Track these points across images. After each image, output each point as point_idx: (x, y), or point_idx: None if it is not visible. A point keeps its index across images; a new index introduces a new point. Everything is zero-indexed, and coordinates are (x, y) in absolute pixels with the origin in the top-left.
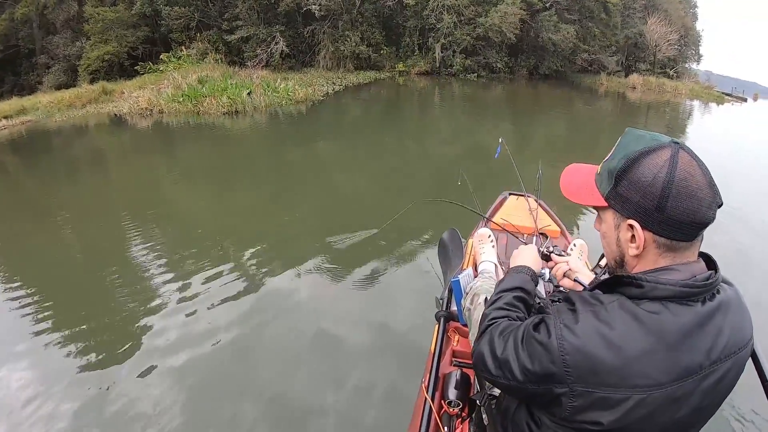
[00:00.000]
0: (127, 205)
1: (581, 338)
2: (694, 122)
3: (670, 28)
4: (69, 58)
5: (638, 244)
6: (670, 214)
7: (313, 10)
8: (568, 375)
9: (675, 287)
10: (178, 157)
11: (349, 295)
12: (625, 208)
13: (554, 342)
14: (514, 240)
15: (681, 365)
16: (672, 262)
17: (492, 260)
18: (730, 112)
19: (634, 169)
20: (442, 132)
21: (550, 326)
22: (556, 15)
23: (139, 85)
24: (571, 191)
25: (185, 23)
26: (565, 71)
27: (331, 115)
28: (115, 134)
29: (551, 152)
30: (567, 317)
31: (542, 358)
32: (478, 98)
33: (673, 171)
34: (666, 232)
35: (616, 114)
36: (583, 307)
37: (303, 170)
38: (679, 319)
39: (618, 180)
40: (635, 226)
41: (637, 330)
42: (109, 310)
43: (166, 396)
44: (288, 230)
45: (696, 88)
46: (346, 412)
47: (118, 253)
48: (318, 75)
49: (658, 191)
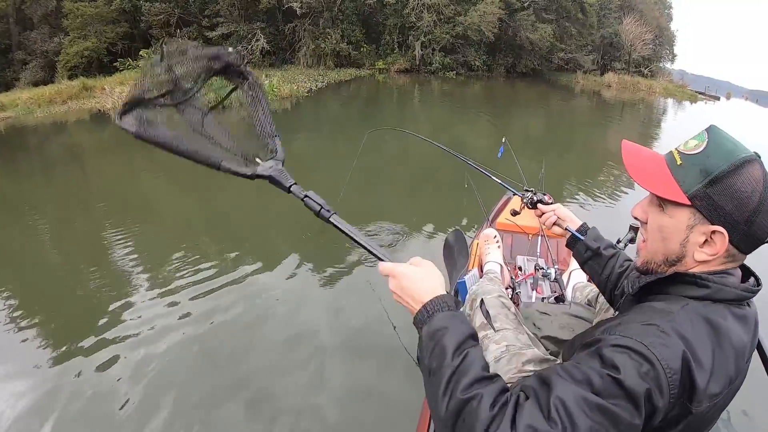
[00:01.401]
0: (108, 201)
1: (681, 351)
2: (668, 119)
3: (645, 28)
4: (47, 54)
5: (717, 251)
6: (755, 230)
7: (295, 8)
8: (672, 397)
9: (737, 290)
10: (161, 153)
11: (350, 295)
12: (714, 214)
13: (658, 366)
14: (520, 240)
15: (741, 365)
16: (730, 267)
17: (498, 261)
18: (702, 110)
19: (735, 176)
20: (424, 127)
21: (639, 350)
22: (533, 14)
23: (119, 82)
24: (643, 176)
25: (165, 19)
26: (542, 69)
27: (316, 111)
28: (99, 131)
29: (530, 147)
30: (652, 333)
31: (651, 393)
32: (458, 95)
33: (767, 187)
34: (743, 244)
35: (592, 111)
36: (660, 319)
37: (291, 165)
38: (739, 324)
39: (714, 182)
40: (723, 234)
41: (713, 338)
42: (81, 306)
43: (136, 392)
44: (275, 227)
45: (670, 87)
46: (346, 414)
47: (93, 247)
48: (299, 72)
49: (753, 205)
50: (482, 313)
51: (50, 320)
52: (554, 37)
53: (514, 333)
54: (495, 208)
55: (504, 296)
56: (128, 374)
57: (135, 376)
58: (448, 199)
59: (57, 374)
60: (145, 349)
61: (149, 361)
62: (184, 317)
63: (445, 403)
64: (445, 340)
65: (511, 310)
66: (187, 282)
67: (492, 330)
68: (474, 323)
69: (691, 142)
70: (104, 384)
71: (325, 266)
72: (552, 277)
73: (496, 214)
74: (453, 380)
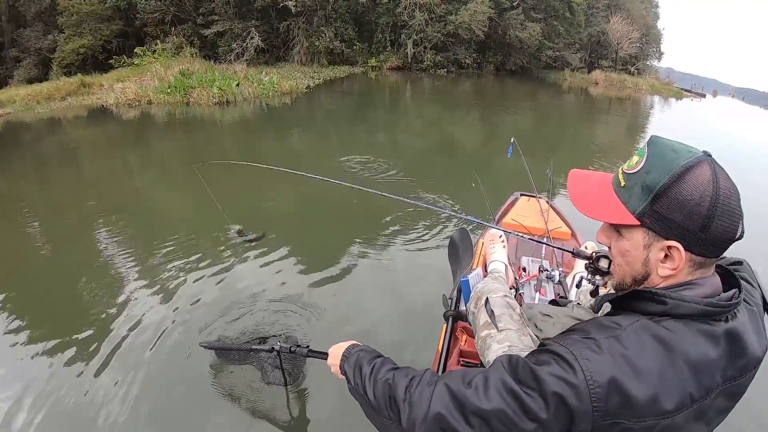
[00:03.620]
0: (115, 195)
1: (610, 367)
2: (654, 115)
3: (632, 27)
4: (41, 51)
5: (677, 265)
6: (713, 234)
7: (290, 6)
8: (596, 411)
9: (699, 305)
10: (171, 147)
11: (353, 295)
12: (665, 229)
13: (580, 375)
14: (525, 241)
15: (704, 384)
16: (698, 276)
17: (502, 260)
18: (688, 107)
19: (678, 186)
20: (415, 123)
21: (566, 357)
22: (522, 14)
23: (116, 78)
24: (587, 204)
25: (160, 17)
26: (531, 67)
27: (319, 106)
28: (103, 125)
29: (521, 142)
30: (586, 346)
31: (564, 396)
32: (449, 92)
33: (718, 188)
34: (705, 251)
35: (580, 107)
36: (602, 334)
37: (298, 156)
38: (702, 340)
39: (657, 197)
40: (678, 248)
41: (663, 355)
42: (72, 305)
43: (127, 396)
44: (283, 224)
45: (656, 85)
46: (349, 409)
47: (85, 245)
48: (293, 69)
49: (704, 211)
50: (486, 312)
51: (41, 320)
52: (543, 36)
53: (517, 334)
54: (501, 208)
55: (509, 296)
56: (120, 376)
57: (127, 376)
58: (455, 198)
59: (47, 375)
60: (136, 348)
61: (141, 361)
62: (176, 314)
63: (371, 392)
64: (360, 362)
65: (516, 310)
66: (179, 280)
67: (495, 330)
68: (478, 321)
69: (633, 159)
70: (94, 386)
71: (350, 268)
72: (556, 279)
73: (503, 214)
74: (372, 377)
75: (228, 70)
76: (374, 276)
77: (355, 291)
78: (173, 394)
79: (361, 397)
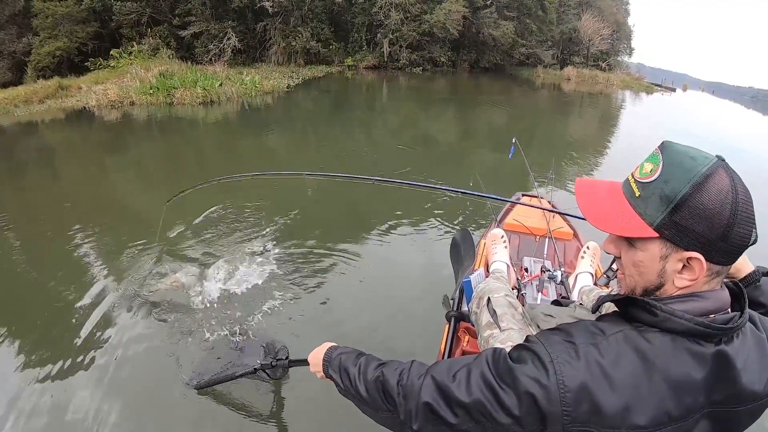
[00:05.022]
0: (93, 200)
1: (583, 375)
2: (626, 108)
3: (603, 24)
4: (15, 54)
5: (696, 276)
6: (732, 242)
7: (267, 7)
8: (565, 415)
9: (689, 323)
10: (153, 148)
11: (355, 295)
12: (685, 240)
13: (552, 378)
14: (527, 241)
15: (685, 405)
16: (711, 287)
17: (504, 261)
18: (658, 101)
19: (700, 195)
20: (391, 120)
21: (543, 359)
22: (496, 12)
23: (94, 81)
24: (600, 217)
25: (136, 18)
26: (504, 65)
27: (303, 104)
28: (86, 127)
29: (497, 138)
30: (565, 350)
31: (536, 397)
32: (424, 90)
33: (737, 195)
34: (724, 259)
35: (554, 103)
36: (583, 339)
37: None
38: (688, 358)
39: (678, 208)
40: (699, 259)
41: (641, 369)
42: (46, 310)
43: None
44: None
45: (627, 80)
46: (350, 408)
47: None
48: (271, 70)
49: (725, 220)
50: (489, 311)
51: (13, 326)
52: (516, 34)
53: (519, 333)
54: (503, 209)
55: (511, 296)
56: (93, 383)
57: (101, 384)
58: (457, 197)
59: (18, 382)
60: (111, 354)
61: (117, 367)
62: (148, 321)
63: (364, 391)
64: (345, 364)
65: (518, 310)
66: (154, 286)
67: (498, 329)
68: (480, 321)
69: (646, 167)
70: (68, 392)
71: (353, 268)
72: (558, 280)
73: (504, 215)
74: (361, 378)
75: (206, 70)
76: (375, 276)
77: (354, 291)
78: (153, 399)
79: (354, 397)
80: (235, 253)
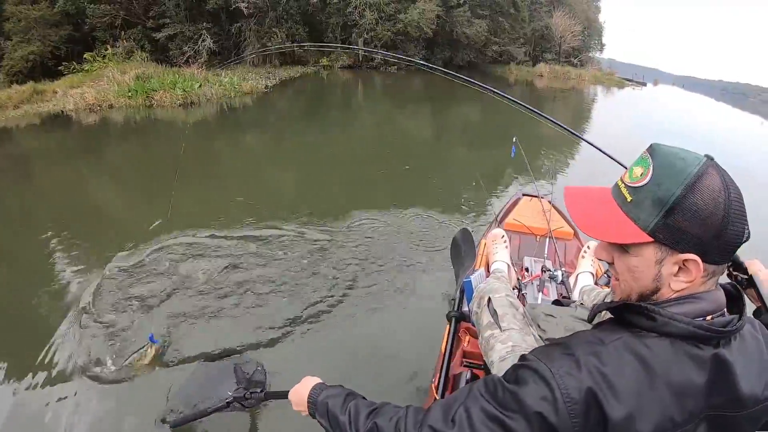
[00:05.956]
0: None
1: (587, 384)
2: (598, 101)
3: (574, 21)
4: None
5: (693, 278)
6: (727, 240)
7: (242, 8)
8: (575, 426)
9: (688, 327)
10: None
11: (358, 294)
12: (680, 242)
13: (557, 392)
14: (528, 241)
15: (687, 409)
16: (707, 288)
17: (505, 260)
18: (629, 95)
19: (693, 196)
20: (368, 119)
21: (544, 375)
22: (469, 11)
23: (69, 85)
24: (594, 227)
25: (110, 21)
26: (478, 62)
27: (280, 104)
28: (64, 131)
29: (472, 134)
30: (565, 363)
31: (544, 415)
32: (399, 89)
33: (729, 194)
34: (719, 258)
35: (527, 99)
36: (582, 350)
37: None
38: (688, 363)
39: (671, 211)
40: (695, 261)
41: (643, 376)
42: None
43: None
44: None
45: (599, 75)
46: None
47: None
48: (246, 71)
49: (719, 219)
50: (489, 311)
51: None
52: (488, 32)
53: (520, 334)
54: (504, 208)
55: (512, 296)
56: (70, 393)
57: (78, 395)
58: (458, 198)
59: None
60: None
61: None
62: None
63: None
64: (333, 411)
65: (519, 310)
66: (136, 294)
67: (498, 329)
68: (481, 322)
69: (636, 171)
70: (42, 404)
71: (356, 267)
72: (559, 280)
73: (505, 214)
74: (353, 425)
75: (183, 73)
76: (376, 276)
77: (356, 291)
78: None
79: None
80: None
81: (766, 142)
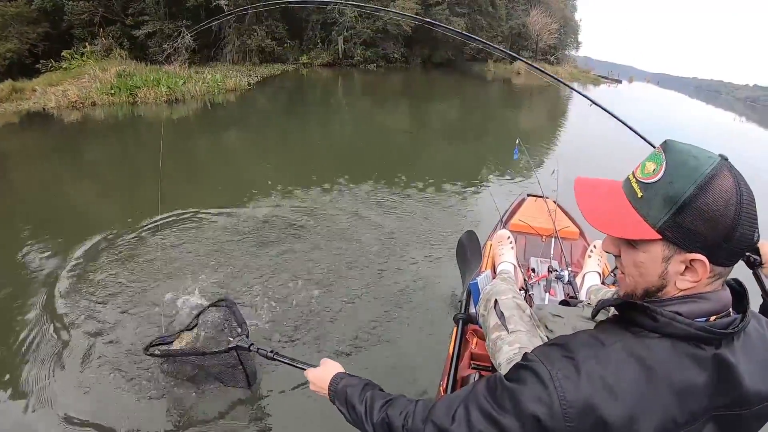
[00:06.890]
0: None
1: (585, 389)
2: (574, 99)
3: (551, 19)
4: None
5: (699, 278)
6: (738, 242)
7: (222, 5)
8: (570, 430)
9: (690, 328)
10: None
11: (362, 295)
12: (688, 241)
13: (554, 394)
14: (533, 242)
15: (690, 410)
16: (713, 288)
17: (511, 261)
18: (605, 91)
19: (705, 195)
20: (348, 115)
21: (542, 376)
22: (447, 9)
23: (48, 83)
24: (602, 220)
25: (88, 18)
26: (456, 60)
27: (264, 101)
28: (46, 128)
29: (452, 131)
30: (564, 365)
31: (538, 416)
32: (379, 86)
33: (741, 196)
34: (727, 260)
35: (505, 96)
36: (582, 353)
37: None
38: (689, 364)
39: (681, 209)
40: (702, 261)
41: (643, 377)
42: None
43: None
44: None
45: (575, 72)
46: (316, 408)
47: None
48: (227, 69)
49: (729, 221)
50: (496, 313)
51: None
52: (467, 30)
53: (527, 335)
54: (509, 210)
55: (518, 297)
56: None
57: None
58: (463, 200)
59: None
60: (67, 368)
61: (73, 384)
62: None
63: (371, 429)
64: (351, 400)
65: (526, 312)
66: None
67: (506, 331)
68: (488, 324)
69: (648, 166)
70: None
71: (360, 269)
72: (565, 280)
73: (510, 215)
74: (368, 414)
75: (164, 70)
76: (376, 277)
77: (358, 292)
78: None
79: (362, 429)
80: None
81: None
